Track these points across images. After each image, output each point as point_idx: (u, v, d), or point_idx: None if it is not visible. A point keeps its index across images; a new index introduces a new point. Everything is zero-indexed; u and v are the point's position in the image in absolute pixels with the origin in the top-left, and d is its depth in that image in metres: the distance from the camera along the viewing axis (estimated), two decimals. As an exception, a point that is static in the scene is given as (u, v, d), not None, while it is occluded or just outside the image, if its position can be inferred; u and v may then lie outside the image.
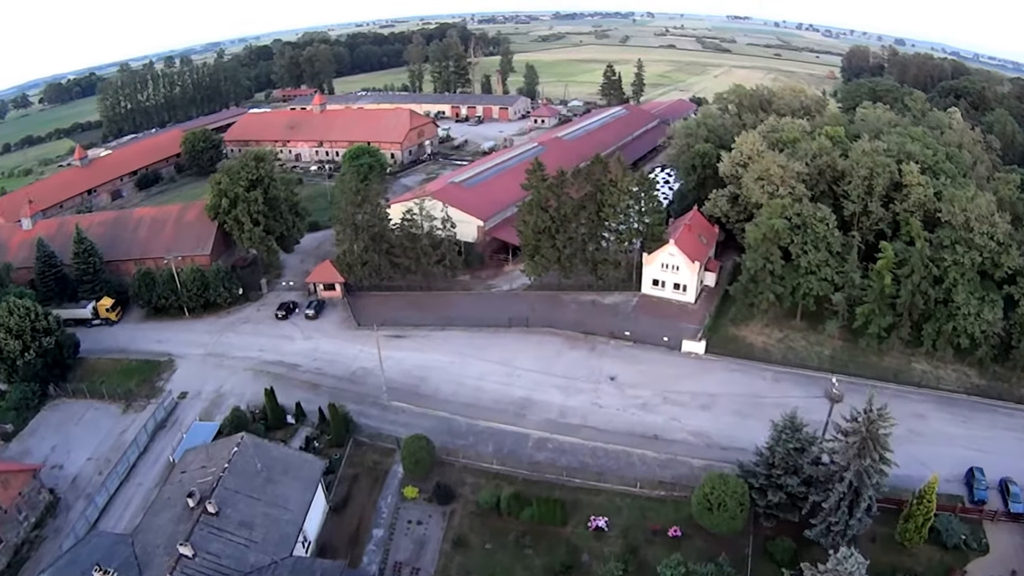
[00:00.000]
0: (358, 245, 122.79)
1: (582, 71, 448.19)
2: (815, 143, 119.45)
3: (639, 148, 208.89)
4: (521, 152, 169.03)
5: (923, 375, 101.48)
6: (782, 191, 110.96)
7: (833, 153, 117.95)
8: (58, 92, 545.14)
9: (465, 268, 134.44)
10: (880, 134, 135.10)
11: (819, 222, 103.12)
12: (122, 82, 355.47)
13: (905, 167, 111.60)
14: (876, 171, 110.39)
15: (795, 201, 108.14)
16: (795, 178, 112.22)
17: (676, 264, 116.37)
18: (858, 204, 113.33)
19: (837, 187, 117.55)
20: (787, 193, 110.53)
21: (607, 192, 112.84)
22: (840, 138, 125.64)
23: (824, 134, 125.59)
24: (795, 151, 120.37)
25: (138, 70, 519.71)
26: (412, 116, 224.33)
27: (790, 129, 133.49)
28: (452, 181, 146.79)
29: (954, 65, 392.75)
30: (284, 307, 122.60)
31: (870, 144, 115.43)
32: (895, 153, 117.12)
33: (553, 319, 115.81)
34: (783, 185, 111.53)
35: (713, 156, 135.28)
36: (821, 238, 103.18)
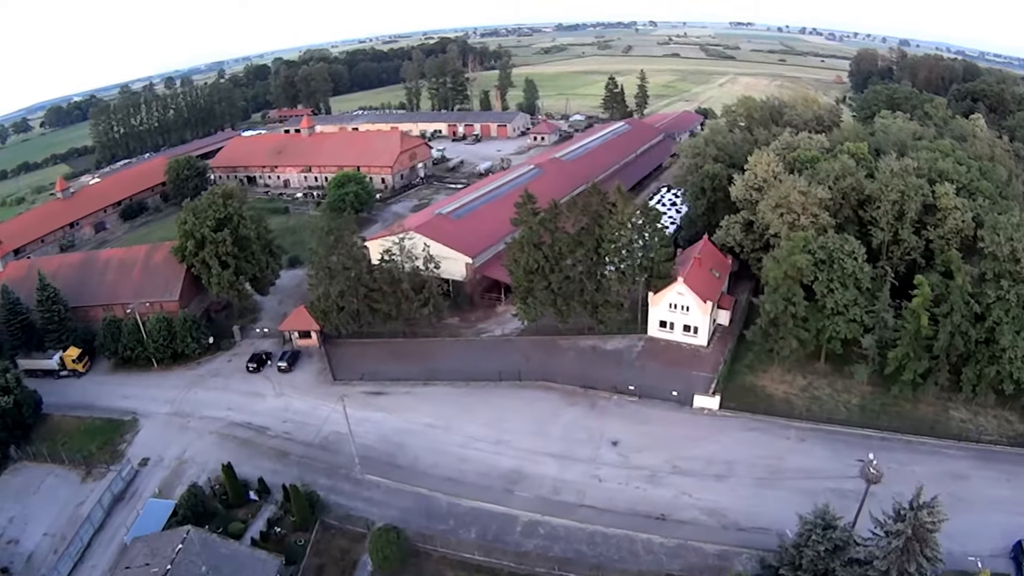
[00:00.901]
0: (333, 290, 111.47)
1: (584, 83, 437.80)
2: (837, 163, 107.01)
3: (643, 166, 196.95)
4: (515, 177, 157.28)
5: (962, 425, 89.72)
6: (803, 220, 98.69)
7: (858, 174, 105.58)
8: (58, 116, 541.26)
9: (453, 310, 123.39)
10: (905, 149, 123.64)
11: (847, 256, 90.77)
12: (114, 106, 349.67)
13: (939, 188, 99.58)
14: (908, 194, 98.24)
15: (819, 232, 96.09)
16: (818, 205, 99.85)
17: (686, 304, 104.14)
18: (887, 232, 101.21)
19: (863, 212, 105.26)
20: (809, 223, 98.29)
21: (606, 226, 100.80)
22: (863, 155, 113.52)
23: (846, 151, 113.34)
24: (815, 172, 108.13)
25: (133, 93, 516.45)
26: (403, 138, 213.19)
27: (807, 146, 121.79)
28: (438, 212, 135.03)
29: (965, 65, 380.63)
30: (256, 359, 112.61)
31: (898, 163, 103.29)
32: (926, 172, 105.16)
33: (549, 370, 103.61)
34: (804, 214, 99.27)
35: (724, 177, 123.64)
36: (849, 274, 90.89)
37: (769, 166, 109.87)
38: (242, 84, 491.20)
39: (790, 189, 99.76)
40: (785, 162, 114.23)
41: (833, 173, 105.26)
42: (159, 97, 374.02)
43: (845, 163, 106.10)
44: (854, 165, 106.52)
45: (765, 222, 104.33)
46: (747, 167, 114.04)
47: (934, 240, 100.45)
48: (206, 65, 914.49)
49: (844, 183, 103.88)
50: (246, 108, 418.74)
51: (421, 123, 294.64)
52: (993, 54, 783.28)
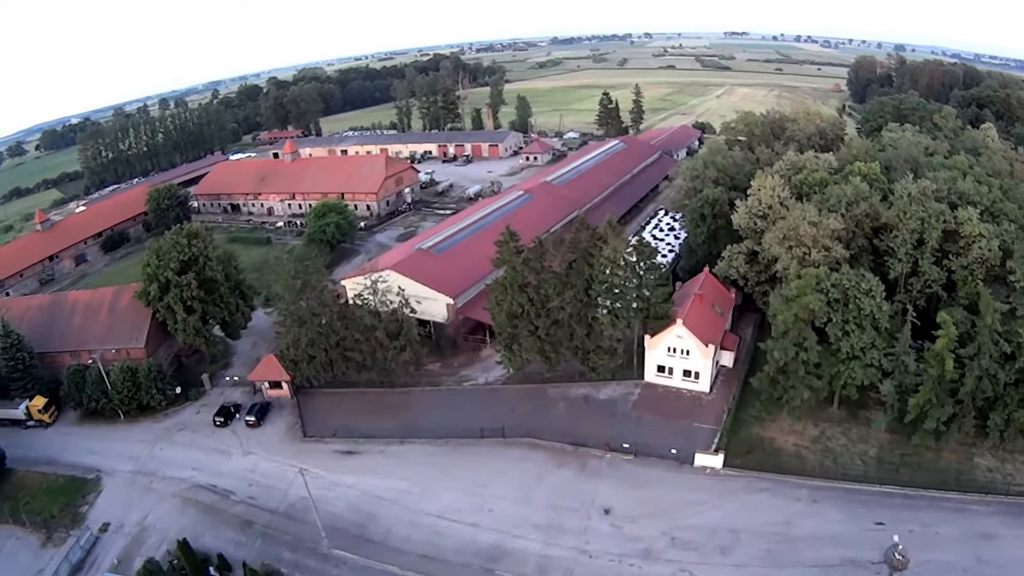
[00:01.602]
0: (302, 338, 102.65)
1: (579, 98, 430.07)
2: (849, 187, 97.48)
3: (640, 187, 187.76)
4: (503, 205, 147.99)
5: (989, 475, 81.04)
6: (814, 255, 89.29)
7: (872, 198, 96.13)
8: (53, 139, 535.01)
9: (434, 355, 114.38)
10: (918, 166, 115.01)
11: (864, 295, 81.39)
12: (102, 131, 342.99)
13: (961, 214, 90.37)
14: (928, 222, 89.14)
15: (832, 268, 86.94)
16: (830, 237, 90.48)
17: (685, 348, 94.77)
18: (906, 263, 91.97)
19: (879, 241, 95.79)
20: (821, 257, 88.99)
21: (596, 264, 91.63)
22: (876, 176, 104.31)
23: (857, 172, 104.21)
24: (825, 198, 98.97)
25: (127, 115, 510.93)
26: (389, 162, 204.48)
27: (813, 166, 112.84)
28: (418, 248, 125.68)
29: (965, 70, 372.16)
30: (223, 412, 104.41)
31: (915, 185, 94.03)
32: (945, 194, 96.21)
33: (536, 425, 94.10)
34: (816, 247, 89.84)
35: (725, 202, 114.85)
36: (867, 315, 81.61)
37: (774, 191, 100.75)
38: (234, 105, 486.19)
39: (799, 220, 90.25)
40: (791, 185, 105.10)
41: (845, 198, 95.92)
42: (148, 121, 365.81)
43: (858, 187, 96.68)
44: (867, 188, 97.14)
45: (771, 255, 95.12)
46: (750, 192, 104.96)
47: (956, 271, 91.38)
48: (203, 85, 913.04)
49: (857, 210, 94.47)
50: (237, 130, 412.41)
51: (411, 144, 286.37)
52: (989, 56, 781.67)
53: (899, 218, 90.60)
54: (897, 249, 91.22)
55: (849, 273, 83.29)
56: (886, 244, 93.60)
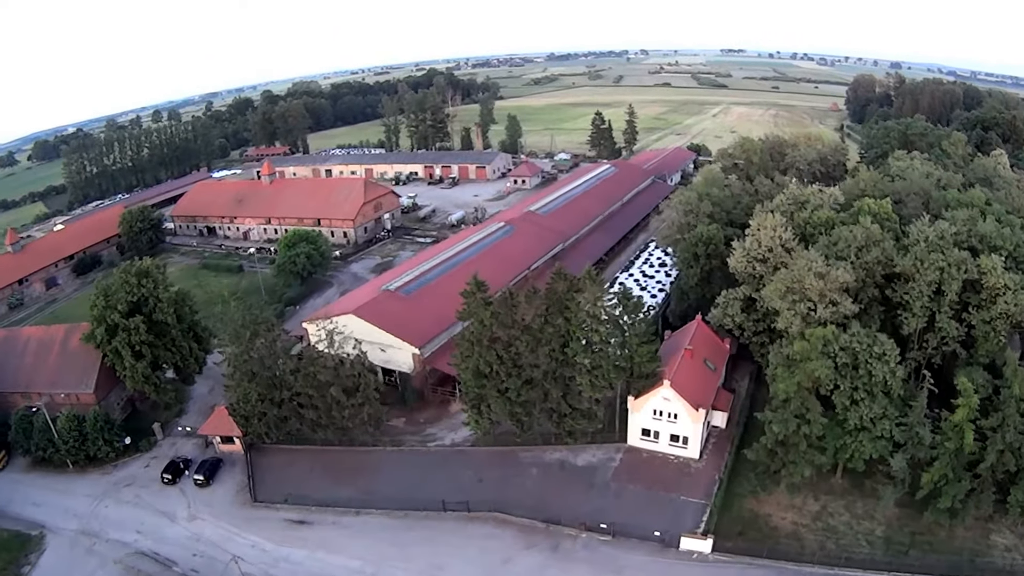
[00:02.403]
0: (252, 393, 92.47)
1: (573, 116, 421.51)
2: (859, 229, 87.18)
3: (630, 216, 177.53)
4: (482, 239, 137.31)
5: (1007, 556, 72.35)
6: (821, 311, 79.08)
7: (885, 242, 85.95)
8: (45, 150, 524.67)
9: (399, 408, 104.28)
10: (930, 199, 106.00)
11: (877, 360, 71.51)
12: (87, 145, 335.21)
13: (984, 262, 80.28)
14: (948, 272, 79.31)
15: (840, 326, 76.97)
16: (839, 290, 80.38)
17: (673, 412, 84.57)
18: (921, 317, 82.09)
19: (891, 291, 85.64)
20: (828, 314, 78.84)
21: (574, 320, 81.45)
22: (887, 215, 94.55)
23: (866, 210, 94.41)
24: (832, 241, 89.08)
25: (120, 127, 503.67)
26: (367, 187, 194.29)
27: (817, 201, 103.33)
28: (385, 288, 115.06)
29: (965, 89, 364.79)
30: (172, 468, 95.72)
31: (932, 228, 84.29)
32: (965, 237, 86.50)
33: (505, 496, 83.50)
34: (822, 302, 79.65)
35: (720, 241, 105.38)
36: (879, 382, 71.70)
37: (775, 231, 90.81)
38: (224, 119, 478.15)
39: (804, 271, 79.80)
40: (794, 225, 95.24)
41: (855, 243, 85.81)
42: (133, 135, 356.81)
43: (869, 230, 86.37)
44: (879, 231, 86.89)
45: (771, 307, 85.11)
46: (749, 232, 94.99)
47: (977, 325, 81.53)
48: (200, 96, 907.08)
49: (868, 256, 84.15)
50: (225, 146, 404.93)
51: (396, 164, 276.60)
52: (985, 73, 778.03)
53: (915, 267, 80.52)
54: (912, 302, 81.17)
55: (860, 334, 73.19)
56: (900, 295, 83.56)
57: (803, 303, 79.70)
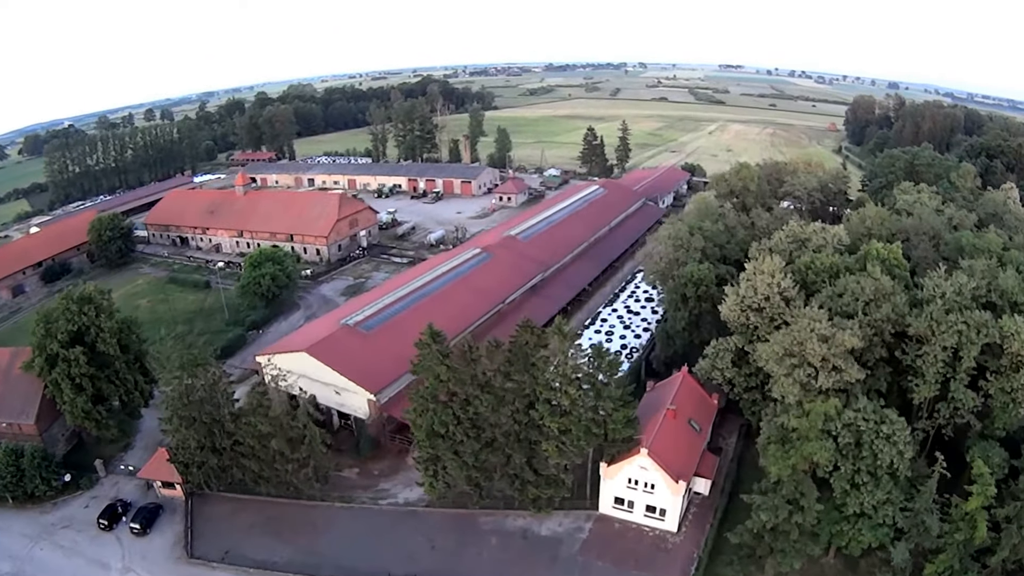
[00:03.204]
0: (190, 441, 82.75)
1: (566, 129, 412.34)
2: (868, 281, 77.70)
3: (618, 242, 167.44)
4: (454, 267, 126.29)
5: None
6: (823, 379, 69.35)
7: (896, 298, 76.40)
8: (36, 144, 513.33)
9: (353, 456, 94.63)
10: (941, 242, 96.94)
11: (884, 441, 62.06)
12: (70, 143, 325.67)
13: (1007, 324, 70.34)
14: (968, 336, 69.83)
15: (843, 394, 67.61)
16: (844, 355, 70.56)
17: (650, 482, 74.98)
18: (934, 385, 72.61)
19: (902, 351, 75.67)
20: (832, 383, 69.23)
21: (541, 379, 71.66)
22: (898, 262, 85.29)
23: (875, 256, 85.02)
24: (837, 293, 79.59)
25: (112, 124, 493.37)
26: (343, 203, 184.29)
27: (818, 240, 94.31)
28: (344, 322, 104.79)
29: (966, 113, 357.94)
30: (109, 512, 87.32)
31: (950, 283, 74.73)
32: (984, 293, 77.13)
33: (458, 570, 73.98)
34: (825, 368, 69.97)
35: (711, 282, 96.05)
36: (884, 465, 62.26)
37: (774, 278, 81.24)
38: (214, 121, 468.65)
39: (806, 333, 70.08)
40: (794, 271, 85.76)
41: (863, 297, 76.44)
42: (117, 136, 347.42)
43: (879, 283, 76.75)
44: (890, 283, 77.37)
45: (766, 370, 75.51)
46: (744, 276, 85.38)
47: (995, 394, 72.08)
48: (197, 95, 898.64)
49: (878, 313, 74.59)
50: (212, 148, 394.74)
51: (380, 176, 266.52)
52: (982, 95, 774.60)
53: (931, 329, 70.91)
54: (925, 369, 71.57)
55: (867, 410, 63.54)
56: (911, 358, 73.95)
57: (803, 368, 69.87)
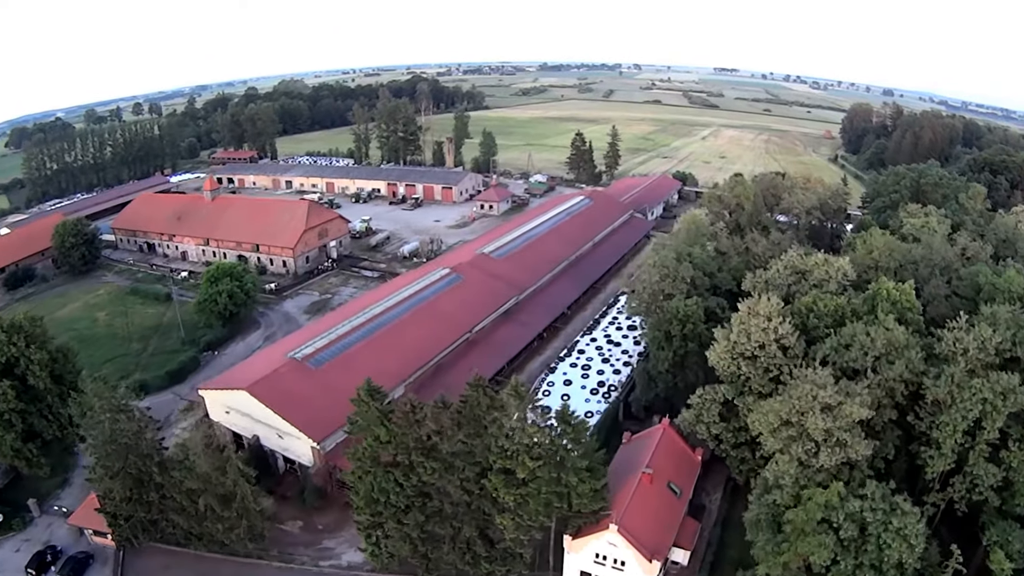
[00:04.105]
0: (116, 492, 73.22)
1: (557, 132, 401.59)
2: (879, 331, 67.42)
3: (602, 260, 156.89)
4: (419, 291, 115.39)
5: None
6: (825, 456, 59.04)
7: (911, 352, 66.32)
8: (21, 137, 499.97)
9: (298, 507, 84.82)
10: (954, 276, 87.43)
11: (894, 535, 52.17)
12: (47, 139, 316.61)
13: (1033, 387, 60.82)
14: (993, 402, 59.78)
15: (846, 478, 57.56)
16: (850, 428, 60.21)
17: (621, 559, 64.86)
18: (950, 457, 62.67)
19: (914, 414, 65.69)
20: (835, 462, 59.03)
21: (495, 445, 61.36)
22: (910, 304, 75.40)
23: (885, 298, 75.09)
24: (843, 344, 69.45)
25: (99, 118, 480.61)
26: (312, 212, 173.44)
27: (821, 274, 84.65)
28: (292, 355, 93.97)
29: (965, 124, 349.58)
30: (37, 560, 79.74)
31: (972, 337, 64.52)
32: (1009, 345, 66.96)
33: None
34: (827, 443, 59.56)
35: (700, 319, 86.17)
36: (892, 562, 52.36)
37: (771, 323, 71.15)
38: (200, 117, 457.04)
39: (808, 401, 59.44)
40: (794, 314, 75.72)
41: (872, 350, 66.46)
42: (96, 132, 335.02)
43: (892, 335, 66.52)
44: (903, 335, 67.15)
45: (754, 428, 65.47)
46: (736, 319, 75.08)
47: (1016, 466, 62.10)
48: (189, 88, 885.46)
49: (891, 372, 64.50)
50: (195, 145, 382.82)
51: (359, 180, 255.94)
52: (975, 104, 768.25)
53: (951, 395, 60.83)
54: (942, 440, 61.50)
55: (875, 496, 53.63)
56: (925, 425, 63.92)
57: (801, 443, 59.70)
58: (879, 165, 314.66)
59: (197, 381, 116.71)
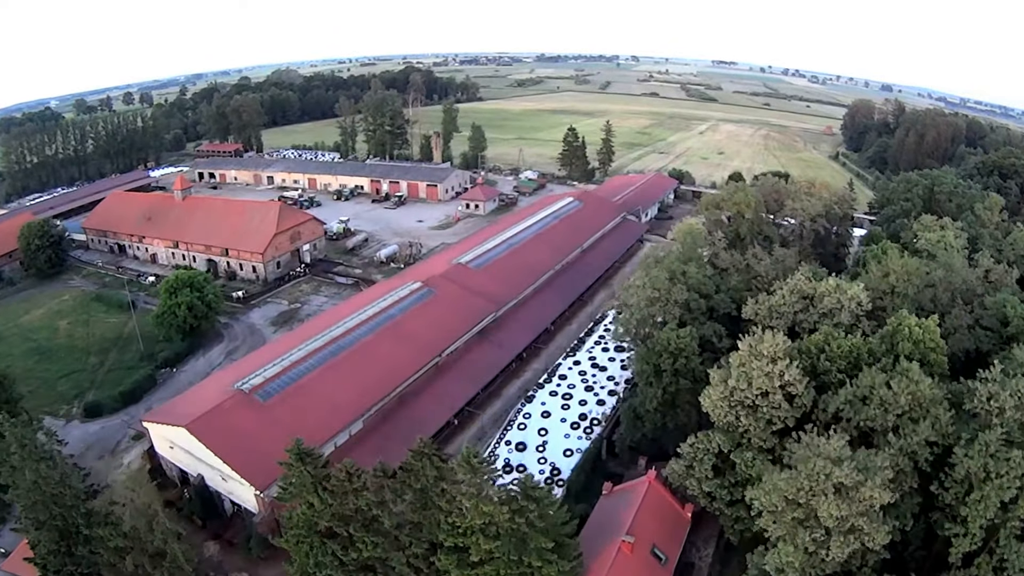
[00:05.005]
0: (42, 545, 65.22)
1: (551, 125, 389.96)
2: (901, 384, 57.12)
3: (591, 268, 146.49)
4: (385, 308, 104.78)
5: None
6: (835, 547, 48.93)
7: (938, 410, 56.39)
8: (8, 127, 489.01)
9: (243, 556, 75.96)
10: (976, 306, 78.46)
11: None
12: (27, 131, 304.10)
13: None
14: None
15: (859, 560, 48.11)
16: (868, 512, 50.33)
17: (599, 652, 55.55)
18: (977, 538, 53.05)
19: (940, 485, 55.88)
20: (846, 552, 48.94)
21: (446, 522, 51.56)
22: (935, 345, 65.66)
23: (906, 338, 65.30)
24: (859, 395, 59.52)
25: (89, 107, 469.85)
26: (283, 214, 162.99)
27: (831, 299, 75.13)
28: (239, 386, 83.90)
29: (968, 122, 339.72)
30: None
31: (1009, 392, 54.79)
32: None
33: None
34: (840, 528, 49.49)
35: (694, 352, 76.62)
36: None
37: (775, 366, 61.35)
38: (188, 107, 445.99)
39: (820, 481, 48.96)
40: (801, 354, 66.06)
41: (895, 407, 56.76)
42: (78, 124, 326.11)
43: (918, 389, 56.49)
44: (929, 388, 57.12)
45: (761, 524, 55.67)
46: (736, 360, 65.19)
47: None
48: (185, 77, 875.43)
49: (915, 438, 54.75)
50: (181, 137, 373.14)
51: (341, 176, 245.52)
52: (974, 101, 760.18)
53: (985, 470, 51.12)
54: (970, 518, 51.90)
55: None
56: (951, 497, 54.32)
57: (810, 530, 49.89)
58: (882, 164, 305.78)
59: (153, 402, 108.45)
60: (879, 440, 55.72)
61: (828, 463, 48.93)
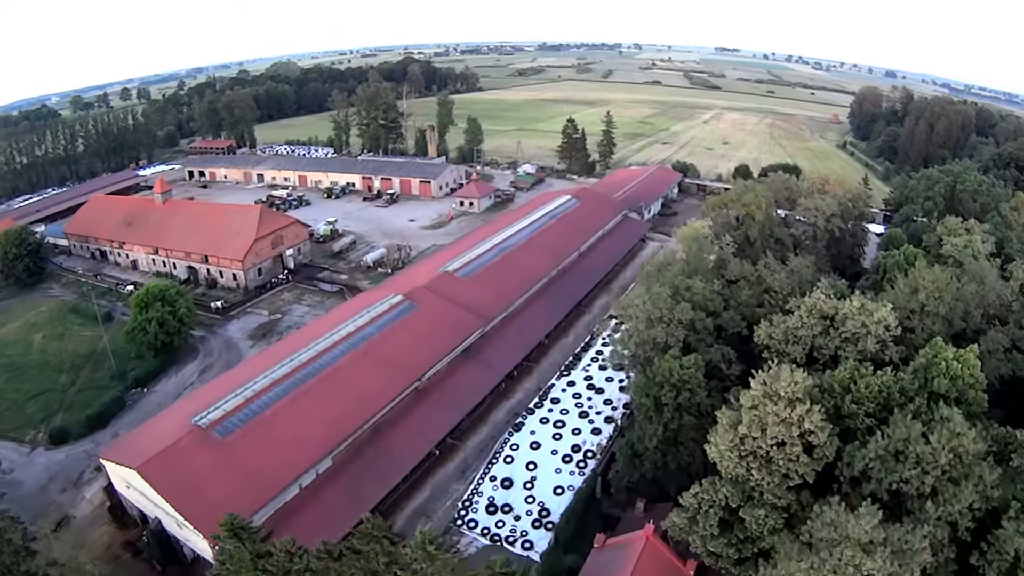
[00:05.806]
0: None
1: (551, 115, 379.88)
2: (942, 439, 48.37)
3: (589, 273, 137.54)
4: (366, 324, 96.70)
5: None
6: None
7: (982, 469, 47.99)
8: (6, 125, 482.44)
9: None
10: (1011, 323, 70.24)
11: None
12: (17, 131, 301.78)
13: None
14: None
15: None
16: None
17: None
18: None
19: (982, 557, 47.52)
20: None
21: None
22: (973, 379, 57.30)
23: (943, 374, 56.91)
24: (891, 450, 50.87)
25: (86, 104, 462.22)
26: (264, 219, 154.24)
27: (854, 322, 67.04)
28: (198, 421, 75.14)
29: (978, 110, 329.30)
30: None
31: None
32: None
33: None
34: None
35: (699, 383, 68.45)
36: None
37: (793, 411, 52.88)
38: (183, 103, 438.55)
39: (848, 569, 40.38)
40: (823, 392, 57.71)
41: (934, 468, 48.30)
42: (67, 123, 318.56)
43: (960, 444, 47.81)
44: (973, 443, 48.13)
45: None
46: (747, 402, 56.80)
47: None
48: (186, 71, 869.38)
49: (956, 504, 46.34)
50: (174, 134, 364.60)
51: (333, 173, 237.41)
52: (979, 88, 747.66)
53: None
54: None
55: None
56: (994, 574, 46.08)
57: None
58: (891, 153, 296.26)
59: (121, 426, 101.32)
60: (914, 505, 47.39)
61: (859, 551, 40.51)
